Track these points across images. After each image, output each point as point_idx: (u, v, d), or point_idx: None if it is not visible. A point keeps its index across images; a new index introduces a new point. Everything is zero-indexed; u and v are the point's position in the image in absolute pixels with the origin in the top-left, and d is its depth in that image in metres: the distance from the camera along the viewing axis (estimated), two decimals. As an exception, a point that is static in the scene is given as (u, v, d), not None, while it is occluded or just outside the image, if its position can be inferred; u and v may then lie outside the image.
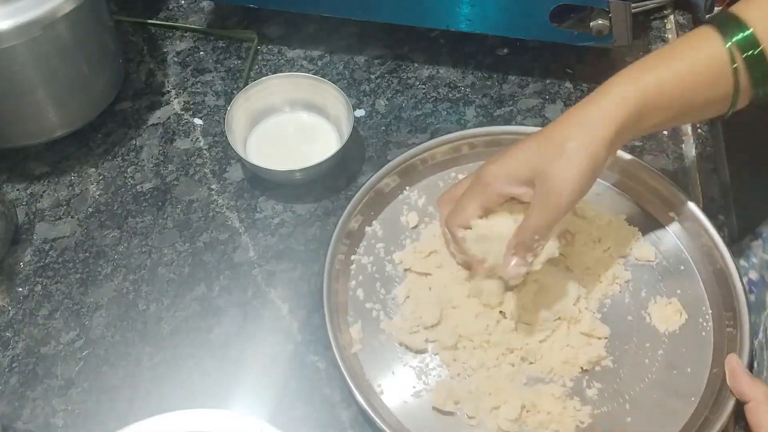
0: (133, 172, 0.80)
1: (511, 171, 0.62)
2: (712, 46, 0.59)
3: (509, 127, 0.79)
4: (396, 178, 0.76)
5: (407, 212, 0.75)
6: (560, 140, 0.60)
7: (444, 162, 0.77)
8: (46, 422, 0.66)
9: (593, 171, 0.59)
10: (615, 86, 0.60)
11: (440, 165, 0.77)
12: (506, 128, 0.78)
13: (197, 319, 0.71)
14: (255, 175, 0.78)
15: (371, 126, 0.83)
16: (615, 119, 0.59)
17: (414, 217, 0.74)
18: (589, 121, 0.59)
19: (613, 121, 0.59)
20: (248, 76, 0.87)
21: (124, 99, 0.85)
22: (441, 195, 0.71)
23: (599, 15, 0.78)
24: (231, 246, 0.75)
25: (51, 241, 0.76)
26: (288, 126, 0.81)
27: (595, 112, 0.59)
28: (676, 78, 0.59)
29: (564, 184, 0.59)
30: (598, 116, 0.59)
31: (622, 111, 0.59)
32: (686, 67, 0.59)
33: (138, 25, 0.91)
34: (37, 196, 0.79)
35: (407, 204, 0.76)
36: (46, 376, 0.68)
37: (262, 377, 0.68)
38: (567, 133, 0.59)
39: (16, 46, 0.70)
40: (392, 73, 0.87)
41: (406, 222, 0.74)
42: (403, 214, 0.75)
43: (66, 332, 0.70)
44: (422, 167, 0.77)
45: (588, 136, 0.59)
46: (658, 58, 0.61)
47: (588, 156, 0.59)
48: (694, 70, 0.59)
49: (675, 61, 0.60)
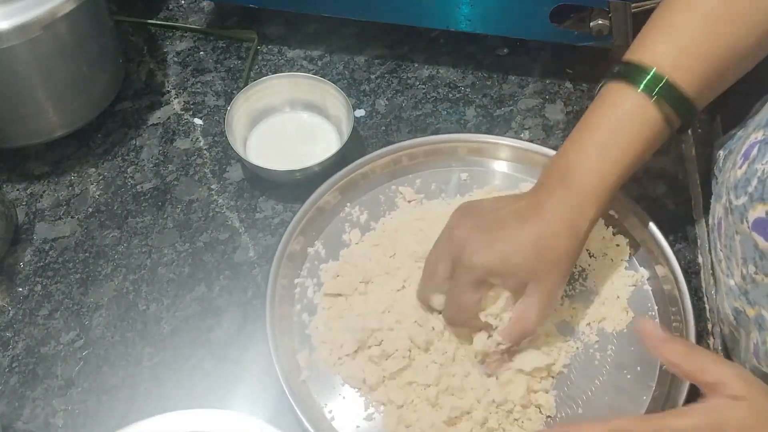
0: (133, 172, 0.80)
1: (509, 272, 0.62)
2: (631, 100, 0.62)
3: (445, 136, 0.78)
4: (337, 195, 0.75)
5: (349, 230, 0.74)
6: (554, 245, 0.62)
7: (384, 175, 0.77)
8: (46, 422, 0.66)
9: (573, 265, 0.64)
10: (588, 188, 0.62)
11: (380, 178, 0.76)
12: (443, 137, 0.78)
13: (197, 319, 0.71)
14: (255, 175, 0.78)
15: (371, 126, 0.83)
16: (593, 218, 0.63)
17: (356, 234, 0.73)
18: (577, 225, 0.62)
19: (594, 219, 0.63)
20: (248, 76, 0.87)
21: (124, 99, 0.85)
22: (421, 286, 0.67)
23: (599, 15, 0.78)
24: (231, 246, 0.75)
25: (51, 241, 0.76)
26: (288, 126, 0.81)
27: (578, 217, 0.62)
28: (627, 151, 0.63)
29: (559, 289, 0.63)
30: (585, 225, 0.62)
31: (596, 209, 0.63)
32: (626, 134, 0.63)
33: (138, 25, 0.91)
34: (37, 196, 0.79)
35: (349, 221, 0.75)
36: (46, 376, 0.68)
37: (262, 377, 0.68)
38: (559, 244, 0.62)
39: (16, 46, 0.70)
40: (392, 73, 0.87)
41: (348, 240, 0.73)
42: (346, 232, 0.74)
43: (66, 332, 0.70)
44: (362, 182, 0.76)
45: (575, 240, 0.62)
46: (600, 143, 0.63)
47: (574, 259, 0.63)
48: (632, 133, 0.63)
49: (614, 134, 0.63)
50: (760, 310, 0.56)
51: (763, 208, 0.54)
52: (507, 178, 0.77)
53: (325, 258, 0.72)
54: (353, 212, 0.75)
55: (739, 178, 0.57)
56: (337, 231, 0.74)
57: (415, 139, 0.78)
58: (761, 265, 0.54)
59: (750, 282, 0.56)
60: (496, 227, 0.62)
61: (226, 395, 0.67)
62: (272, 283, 0.69)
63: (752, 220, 0.55)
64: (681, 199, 0.77)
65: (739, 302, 0.58)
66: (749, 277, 0.56)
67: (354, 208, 0.75)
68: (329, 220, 0.74)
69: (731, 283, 0.59)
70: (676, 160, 0.79)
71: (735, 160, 0.60)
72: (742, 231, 0.56)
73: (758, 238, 0.54)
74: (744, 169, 0.57)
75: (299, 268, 0.72)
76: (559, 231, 0.62)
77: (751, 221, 0.55)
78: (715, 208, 0.63)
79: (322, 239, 0.73)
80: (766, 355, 0.55)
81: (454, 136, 0.78)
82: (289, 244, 0.71)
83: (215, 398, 0.67)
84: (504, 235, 0.62)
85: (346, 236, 0.73)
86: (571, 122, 0.82)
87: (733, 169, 0.59)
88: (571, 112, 0.83)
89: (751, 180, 0.55)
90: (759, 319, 0.56)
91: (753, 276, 0.55)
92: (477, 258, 0.61)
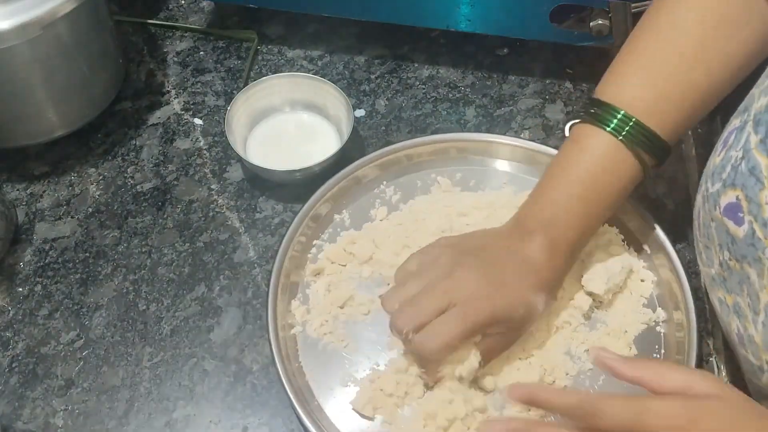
0: (133, 172, 0.80)
1: (504, 317, 0.62)
2: (602, 141, 0.63)
3: (502, 137, 0.78)
4: (376, 170, 0.76)
5: (379, 206, 0.75)
6: (542, 301, 0.63)
7: (427, 162, 0.77)
8: (46, 422, 0.66)
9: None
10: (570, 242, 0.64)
11: (423, 164, 0.77)
12: (497, 137, 0.77)
13: (197, 319, 0.71)
14: (255, 175, 0.78)
15: (371, 126, 0.83)
16: (567, 268, 0.66)
17: (384, 211, 0.74)
18: (559, 279, 0.65)
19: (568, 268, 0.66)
20: (248, 76, 0.87)
21: (124, 99, 0.85)
22: (389, 294, 0.64)
23: (599, 15, 0.78)
24: (231, 246, 0.75)
25: (51, 241, 0.76)
26: (288, 126, 0.81)
27: (556, 272, 0.64)
28: (606, 202, 0.65)
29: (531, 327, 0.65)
30: (561, 276, 0.65)
31: (572, 262, 0.66)
32: (606, 185, 0.64)
33: (138, 25, 0.91)
34: (37, 196, 0.79)
35: (381, 198, 0.76)
36: (46, 376, 0.68)
37: (262, 377, 0.68)
38: (544, 299, 0.63)
39: (16, 46, 0.70)
40: (392, 73, 0.87)
41: (374, 215, 0.74)
42: (375, 207, 0.75)
43: (66, 332, 0.70)
44: (405, 163, 0.77)
45: (553, 294, 0.65)
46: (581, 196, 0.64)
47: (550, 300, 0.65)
48: (612, 182, 0.64)
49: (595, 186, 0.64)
50: (735, 297, 0.55)
51: (734, 193, 0.53)
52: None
53: (347, 227, 0.74)
54: (387, 191, 0.76)
55: (716, 165, 0.57)
56: (366, 204, 0.75)
57: (469, 134, 0.79)
58: (733, 250, 0.54)
59: (726, 269, 0.56)
60: (499, 279, 0.62)
61: (225, 395, 0.67)
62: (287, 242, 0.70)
63: (723, 206, 0.55)
64: (681, 199, 0.77)
65: (720, 291, 0.58)
66: (725, 264, 0.56)
67: (389, 187, 0.76)
68: (363, 193, 0.76)
69: (712, 273, 0.59)
70: (676, 160, 0.79)
71: (717, 147, 0.60)
72: (715, 218, 0.56)
73: (728, 222, 0.54)
74: (722, 156, 0.57)
75: (322, 231, 0.73)
76: (548, 285, 0.64)
77: (722, 207, 0.55)
78: (696, 199, 0.63)
79: (350, 209, 0.75)
80: (750, 341, 0.55)
81: (510, 139, 0.78)
82: (315, 205, 0.73)
83: (215, 398, 0.67)
84: (507, 292, 0.62)
85: (374, 211, 0.75)
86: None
87: (713, 156, 0.59)
88: (571, 112, 0.83)
89: (726, 166, 0.55)
90: (736, 307, 0.56)
91: (728, 262, 0.55)
92: (483, 309, 0.61)
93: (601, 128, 0.63)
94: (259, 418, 0.66)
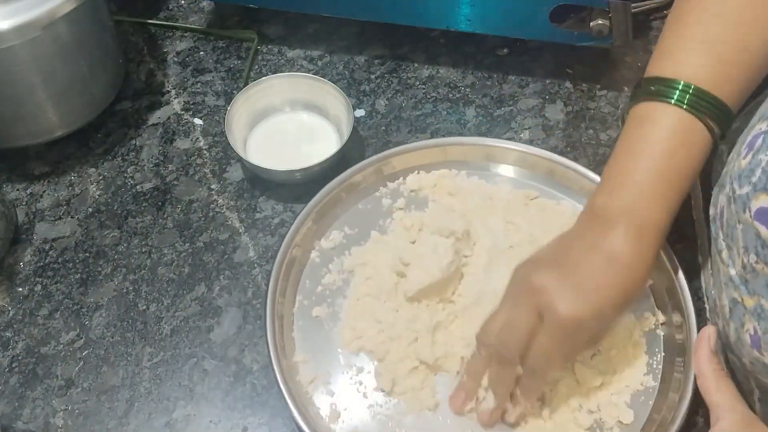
0: (133, 172, 0.80)
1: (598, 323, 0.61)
2: (670, 114, 0.61)
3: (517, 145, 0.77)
4: (375, 173, 0.76)
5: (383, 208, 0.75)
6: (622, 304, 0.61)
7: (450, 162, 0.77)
8: (46, 422, 0.66)
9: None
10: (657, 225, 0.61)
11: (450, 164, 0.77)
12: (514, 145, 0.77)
13: (197, 319, 0.71)
14: (255, 175, 0.78)
15: (371, 126, 0.83)
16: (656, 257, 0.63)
17: (401, 203, 0.75)
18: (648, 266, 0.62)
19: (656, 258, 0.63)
20: (248, 76, 0.87)
21: (124, 99, 0.85)
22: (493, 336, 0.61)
23: (599, 15, 0.78)
24: (231, 246, 0.75)
25: (51, 241, 0.76)
26: (288, 126, 0.81)
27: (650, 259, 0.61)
28: (687, 174, 0.62)
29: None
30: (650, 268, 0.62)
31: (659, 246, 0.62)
32: (682, 158, 0.62)
33: (138, 25, 0.91)
34: (37, 196, 0.79)
35: (382, 201, 0.76)
36: (46, 376, 0.68)
37: (262, 377, 0.68)
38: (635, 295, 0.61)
39: (16, 46, 0.70)
40: (392, 73, 0.87)
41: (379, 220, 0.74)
42: (377, 209, 0.75)
43: (66, 332, 0.70)
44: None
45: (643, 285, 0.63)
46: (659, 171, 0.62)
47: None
48: (687, 156, 0.62)
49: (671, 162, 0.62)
50: (759, 299, 0.56)
51: (766, 198, 0.54)
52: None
53: (347, 228, 0.74)
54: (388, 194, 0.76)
55: (743, 168, 0.57)
56: (367, 206, 0.75)
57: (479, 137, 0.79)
58: (762, 254, 0.54)
59: (750, 272, 0.56)
60: (587, 278, 0.59)
61: (225, 395, 0.67)
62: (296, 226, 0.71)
63: (755, 210, 0.55)
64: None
65: (737, 292, 0.58)
66: (749, 267, 0.56)
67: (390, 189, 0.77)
68: (363, 195, 0.76)
69: (732, 273, 0.59)
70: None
71: (739, 150, 0.60)
72: (744, 220, 0.56)
73: (760, 227, 0.54)
74: (748, 159, 0.57)
75: (322, 231, 0.73)
76: (640, 279, 0.61)
77: (753, 210, 0.55)
78: (718, 198, 0.63)
79: (350, 211, 0.75)
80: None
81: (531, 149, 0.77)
82: (316, 206, 0.73)
83: (215, 398, 0.67)
84: (593, 298, 0.59)
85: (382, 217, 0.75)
86: (571, 122, 0.82)
87: (737, 159, 0.59)
88: (571, 112, 0.83)
89: (755, 170, 0.56)
90: (758, 309, 0.56)
91: (753, 265, 0.56)
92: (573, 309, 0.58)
93: (666, 102, 0.61)
94: (259, 418, 0.66)
